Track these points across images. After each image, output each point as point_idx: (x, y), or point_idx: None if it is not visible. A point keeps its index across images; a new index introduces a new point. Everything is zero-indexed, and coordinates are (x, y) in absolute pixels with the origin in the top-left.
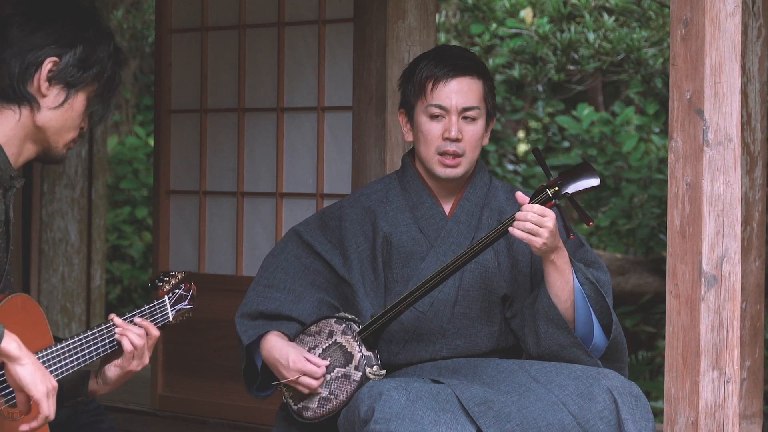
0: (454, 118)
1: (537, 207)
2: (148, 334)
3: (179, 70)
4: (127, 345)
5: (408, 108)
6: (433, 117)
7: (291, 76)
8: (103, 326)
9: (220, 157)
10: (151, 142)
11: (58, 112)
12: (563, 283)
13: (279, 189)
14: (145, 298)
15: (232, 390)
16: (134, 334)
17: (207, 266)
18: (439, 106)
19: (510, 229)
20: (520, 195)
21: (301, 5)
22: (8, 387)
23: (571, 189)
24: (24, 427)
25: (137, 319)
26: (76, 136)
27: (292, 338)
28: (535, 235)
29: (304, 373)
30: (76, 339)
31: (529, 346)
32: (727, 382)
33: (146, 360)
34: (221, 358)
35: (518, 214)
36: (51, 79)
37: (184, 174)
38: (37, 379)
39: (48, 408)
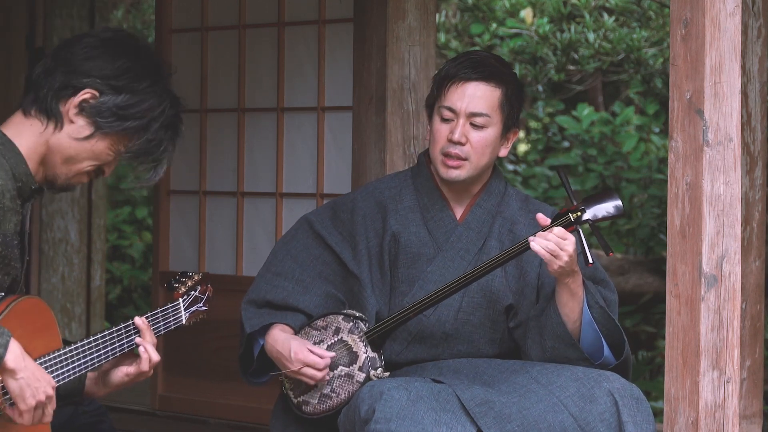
0: (461, 121)
1: (558, 230)
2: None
3: (179, 70)
4: (145, 361)
5: (429, 107)
6: (444, 118)
7: (291, 76)
8: (122, 327)
9: (220, 157)
10: None
11: (76, 142)
12: (575, 304)
13: (279, 189)
14: (145, 299)
15: (232, 390)
16: (153, 347)
17: (207, 266)
18: (449, 108)
19: (531, 244)
20: (541, 217)
21: (301, 5)
22: None
23: (594, 216)
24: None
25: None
26: (84, 174)
27: (297, 331)
28: (555, 256)
29: (307, 364)
30: (92, 339)
31: (532, 357)
32: (727, 382)
33: (150, 373)
34: (221, 358)
35: (539, 234)
36: (82, 109)
37: (184, 174)
38: (26, 392)
39: (30, 420)
